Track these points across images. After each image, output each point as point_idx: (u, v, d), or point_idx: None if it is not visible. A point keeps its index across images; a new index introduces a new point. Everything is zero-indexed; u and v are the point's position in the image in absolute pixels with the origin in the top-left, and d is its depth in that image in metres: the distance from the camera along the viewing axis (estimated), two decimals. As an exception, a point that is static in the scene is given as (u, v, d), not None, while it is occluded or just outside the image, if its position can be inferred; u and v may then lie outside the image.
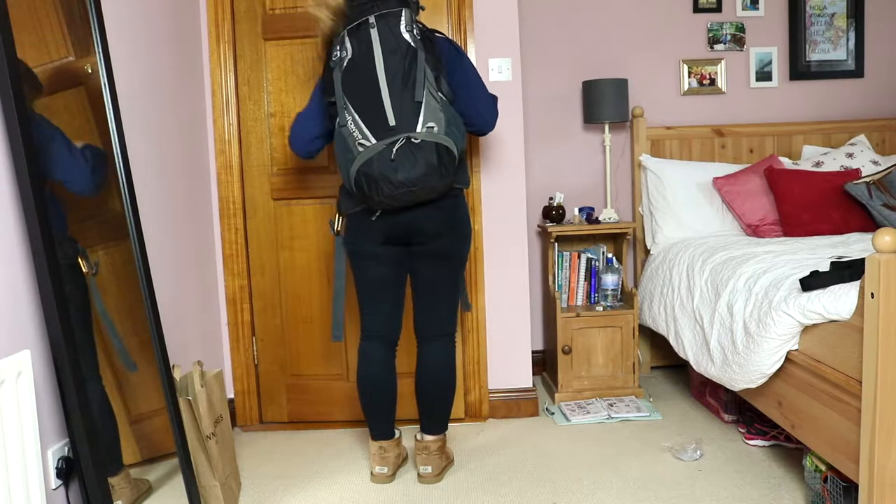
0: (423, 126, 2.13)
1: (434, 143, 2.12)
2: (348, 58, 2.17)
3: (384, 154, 2.11)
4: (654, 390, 3.32)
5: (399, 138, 2.12)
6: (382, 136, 2.12)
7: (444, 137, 2.14)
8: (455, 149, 2.17)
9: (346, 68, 2.17)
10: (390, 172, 2.10)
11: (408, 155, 2.10)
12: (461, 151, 2.23)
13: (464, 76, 2.29)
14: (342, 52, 2.19)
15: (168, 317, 2.40)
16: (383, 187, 2.12)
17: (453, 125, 2.18)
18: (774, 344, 2.15)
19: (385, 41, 2.14)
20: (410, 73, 2.13)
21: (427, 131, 2.12)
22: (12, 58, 1.55)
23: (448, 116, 2.17)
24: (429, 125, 2.13)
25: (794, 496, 2.22)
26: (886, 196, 3.00)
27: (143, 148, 2.34)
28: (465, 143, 2.25)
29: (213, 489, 2.15)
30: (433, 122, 2.13)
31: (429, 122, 2.13)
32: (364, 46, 2.16)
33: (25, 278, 1.65)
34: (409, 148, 2.11)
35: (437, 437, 2.47)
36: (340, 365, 3.03)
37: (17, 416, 1.48)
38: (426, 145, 2.12)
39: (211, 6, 2.89)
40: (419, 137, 2.11)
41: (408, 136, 2.11)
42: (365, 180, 2.14)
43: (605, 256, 3.37)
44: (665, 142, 3.59)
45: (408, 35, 2.15)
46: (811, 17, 3.66)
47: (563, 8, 3.59)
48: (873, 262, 1.68)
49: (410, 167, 2.10)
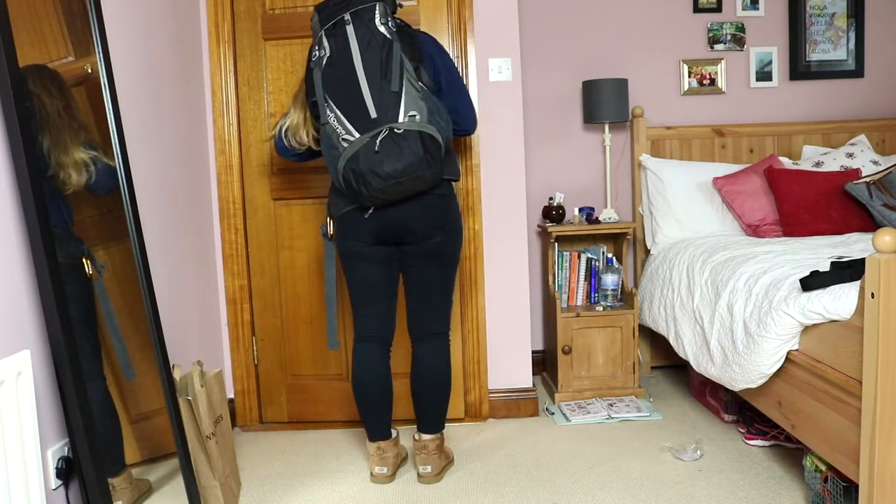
0: (405, 115, 2.13)
1: (418, 131, 2.12)
2: (327, 56, 2.18)
3: (369, 147, 2.12)
4: (654, 390, 3.32)
5: (382, 129, 2.12)
6: (365, 129, 2.13)
7: (427, 126, 2.14)
8: (440, 137, 2.17)
9: (325, 66, 2.18)
10: (376, 165, 2.11)
11: (392, 146, 2.11)
12: (447, 141, 2.23)
13: (449, 77, 2.31)
14: (320, 51, 2.20)
15: (168, 317, 2.40)
16: (371, 181, 2.12)
17: (436, 114, 2.18)
18: (774, 344, 2.15)
19: (361, 36, 2.15)
20: (388, 65, 2.14)
21: (409, 120, 2.13)
22: (12, 58, 1.55)
23: (430, 106, 2.17)
24: (410, 114, 2.13)
25: (794, 496, 2.22)
26: (886, 196, 3.00)
27: (143, 148, 2.34)
28: (450, 133, 2.25)
29: (213, 489, 2.15)
30: (415, 111, 2.13)
31: (410, 111, 2.13)
32: (341, 43, 2.17)
33: (25, 278, 1.65)
34: (393, 138, 2.11)
35: (434, 436, 2.47)
36: (340, 365, 3.03)
37: (17, 416, 1.48)
38: (410, 135, 2.12)
39: (211, 6, 2.89)
40: (402, 127, 2.12)
41: (391, 127, 2.12)
42: (353, 175, 2.14)
43: (605, 256, 3.37)
44: (665, 142, 3.59)
45: (383, 28, 2.16)
46: (811, 17, 3.66)
47: (563, 8, 3.59)
48: (873, 262, 1.68)
49: (396, 158, 2.10)
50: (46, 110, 1.71)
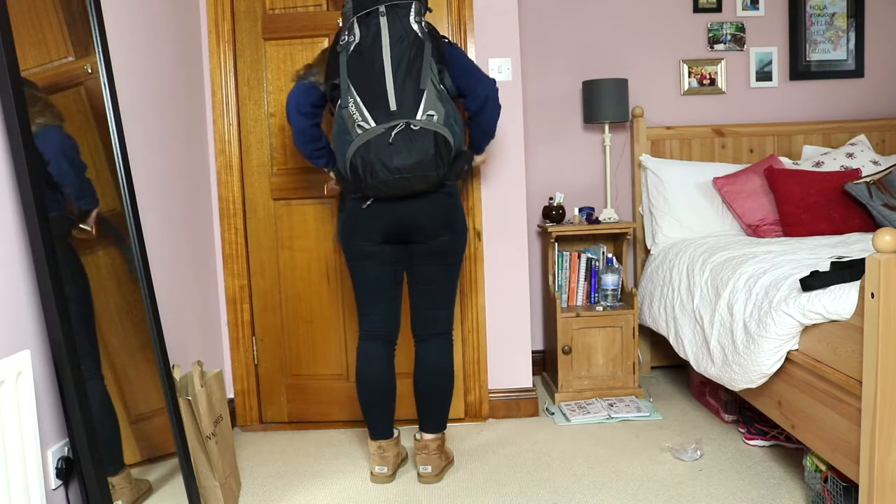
0: (424, 113, 2.15)
1: (433, 131, 2.15)
2: (355, 42, 2.20)
3: (382, 137, 2.14)
4: (654, 390, 3.32)
5: (399, 123, 2.14)
6: (382, 120, 2.15)
7: (442, 127, 2.16)
8: (452, 140, 2.19)
9: (353, 52, 2.20)
10: (386, 157, 2.13)
11: (406, 141, 2.13)
12: (458, 148, 2.25)
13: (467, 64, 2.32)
14: (350, 36, 2.21)
15: (168, 317, 2.40)
16: (378, 171, 2.14)
17: (452, 119, 2.20)
18: (774, 344, 2.15)
19: (393, 29, 2.18)
20: (416, 62, 2.16)
21: (427, 119, 2.15)
22: (12, 58, 1.55)
23: (448, 109, 2.20)
24: (429, 113, 2.15)
25: (794, 496, 2.22)
26: (886, 196, 3.00)
27: (143, 148, 2.34)
28: (463, 142, 2.28)
29: (213, 489, 2.15)
30: (433, 111, 2.16)
31: (429, 111, 2.16)
32: (372, 32, 2.19)
33: (25, 278, 1.65)
34: (408, 134, 2.14)
35: (436, 436, 2.47)
36: (340, 365, 3.03)
37: (17, 416, 1.48)
38: (424, 133, 2.14)
39: (211, 6, 2.89)
40: (418, 124, 2.14)
41: (408, 122, 2.14)
42: (361, 162, 2.16)
43: (605, 256, 3.37)
44: (665, 142, 3.59)
45: (416, 26, 2.19)
46: (811, 17, 3.66)
47: (563, 8, 3.59)
48: (873, 262, 1.68)
49: (407, 153, 2.13)
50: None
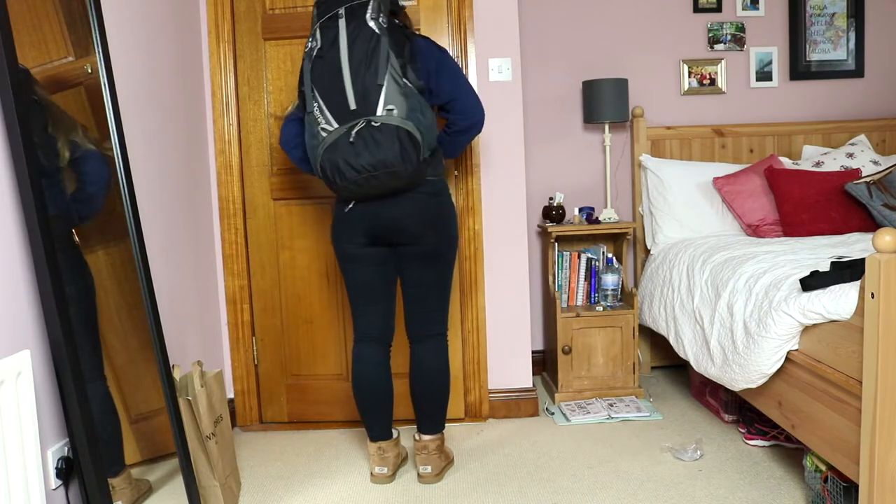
0: (383, 109, 2.14)
1: (395, 126, 2.13)
2: (318, 47, 2.21)
3: (344, 137, 2.15)
4: (654, 390, 3.32)
5: (359, 122, 2.14)
6: (344, 120, 2.15)
7: (404, 121, 2.14)
8: (418, 133, 2.16)
9: (315, 58, 2.21)
10: (351, 156, 2.13)
11: (367, 138, 2.13)
12: (429, 140, 2.21)
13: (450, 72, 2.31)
14: (313, 42, 2.23)
15: (168, 317, 2.40)
16: (346, 172, 2.14)
17: (418, 111, 2.17)
18: (774, 344, 2.15)
19: (350, 30, 2.18)
20: (373, 58, 2.15)
21: (387, 114, 2.13)
22: (12, 58, 1.55)
23: (412, 103, 2.16)
24: (388, 107, 2.14)
25: (794, 496, 2.22)
26: (886, 196, 3.00)
27: (143, 148, 2.34)
28: (434, 133, 2.23)
29: (213, 489, 2.15)
30: (393, 105, 2.14)
31: (388, 105, 2.14)
32: (332, 36, 2.19)
33: (25, 278, 1.65)
34: (369, 131, 2.13)
35: (434, 437, 2.47)
36: (340, 365, 3.03)
37: (17, 416, 1.48)
38: (386, 129, 2.13)
39: (211, 6, 2.89)
40: (379, 121, 2.13)
41: (368, 120, 2.13)
42: (329, 165, 2.17)
43: (605, 256, 3.37)
44: (665, 142, 3.59)
45: (373, 23, 2.17)
46: (811, 17, 3.66)
47: (562, 8, 3.59)
48: (873, 262, 1.68)
49: (371, 151, 2.12)
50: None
